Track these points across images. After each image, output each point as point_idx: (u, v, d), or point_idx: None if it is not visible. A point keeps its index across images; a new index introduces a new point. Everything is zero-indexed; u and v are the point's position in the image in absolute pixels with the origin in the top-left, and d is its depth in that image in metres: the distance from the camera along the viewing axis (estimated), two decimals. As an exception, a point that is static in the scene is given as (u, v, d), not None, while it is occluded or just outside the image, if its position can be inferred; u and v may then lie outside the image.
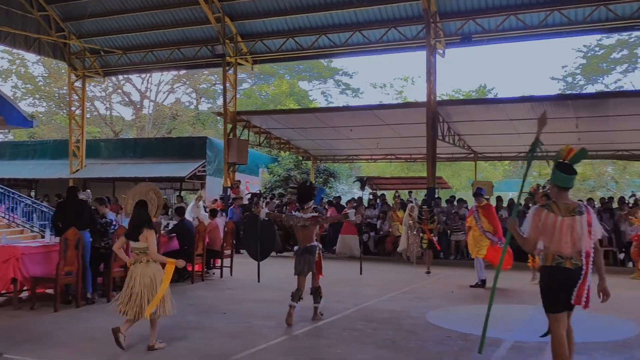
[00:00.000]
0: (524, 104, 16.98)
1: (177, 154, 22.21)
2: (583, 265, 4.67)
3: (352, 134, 20.92)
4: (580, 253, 4.67)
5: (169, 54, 20.96)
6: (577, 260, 4.67)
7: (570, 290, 4.64)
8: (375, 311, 8.61)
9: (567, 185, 4.87)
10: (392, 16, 17.69)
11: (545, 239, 4.74)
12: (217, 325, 7.49)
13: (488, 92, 37.71)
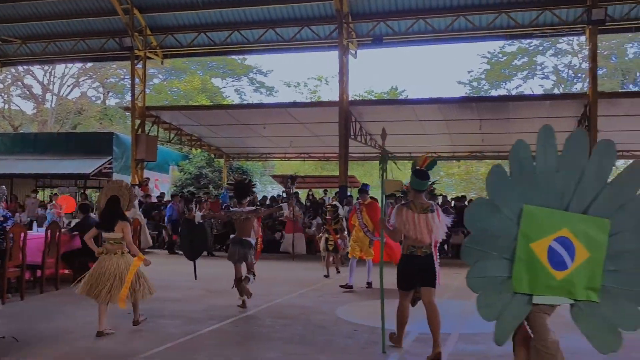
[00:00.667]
0: (432, 105, 17.54)
1: (82, 150, 21.19)
2: (432, 253, 5.83)
3: (266, 132, 20.85)
4: (431, 244, 5.81)
5: (73, 45, 20.01)
6: (427, 249, 5.80)
7: (421, 273, 5.79)
8: (285, 307, 8.60)
9: (421, 188, 5.84)
10: (306, 15, 17.77)
11: (406, 232, 5.78)
12: (120, 325, 7.22)
13: (399, 94, 38.71)
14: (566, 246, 4.03)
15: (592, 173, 3.89)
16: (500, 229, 4.01)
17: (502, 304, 4.02)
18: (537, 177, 4.02)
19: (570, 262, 4.01)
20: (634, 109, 16.20)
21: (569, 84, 37.82)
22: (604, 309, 4.00)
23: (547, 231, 4.01)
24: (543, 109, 16.78)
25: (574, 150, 3.99)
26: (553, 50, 37.54)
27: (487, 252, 4.04)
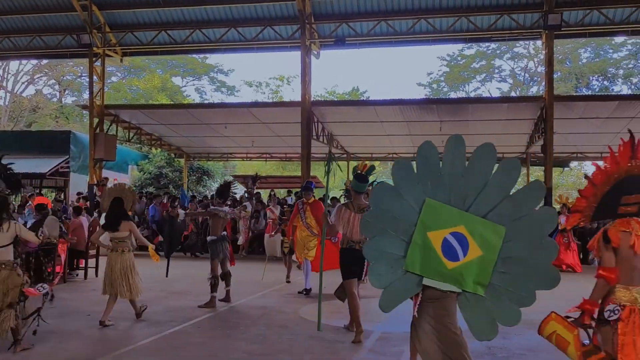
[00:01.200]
0: (393, 106, 17.72)
1: (38, 149, 20.63)
2: None
3: (228, 132, 20.69)
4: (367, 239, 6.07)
5: (29, 41, 19.47)
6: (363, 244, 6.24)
7: (359, 264, 6.52)
8: (248, 308, 8.59)
9: (360, 190, 6.60)
10: (268, 15, 17.72)
11: (344, 229, 6.60)
12: (80, 328, 7.10)
13: (361, 95, 38.98)
14: (460, 241, 4.41)
15: (496, 184, 4.23)
16: (402, 213, 4.40)
17: (392, 277, 4.45)
18: (442, 177, 4.39)
19: (463, 256, 4.39)
20: (588, 112, 16.69)
21: (525, 87, 38.76)
22: (487, 303, 4.40)
23: (445, 225, 4.39)
24: (501, 111, 17.15)
25: (481, 161, 4.31)
26: (510, 54, 38.42)
27: (386, 230, 4.42)
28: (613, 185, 4.03)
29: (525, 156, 20.86)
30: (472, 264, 4.45)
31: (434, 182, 4.41)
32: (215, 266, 8.67)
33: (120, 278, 7.27)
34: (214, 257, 8.65)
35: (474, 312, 4.46)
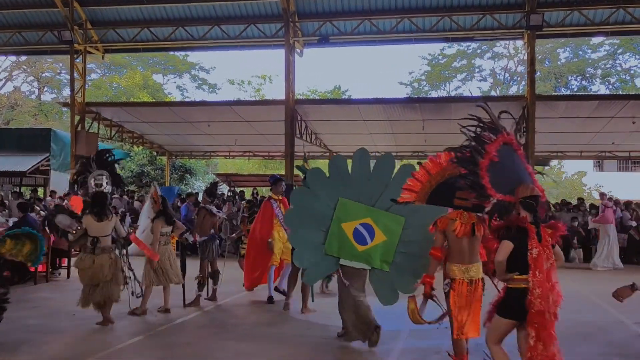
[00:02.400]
0: (376, 105, 17.78)
1: (17, 147, 20.28)
2: None
3: (210, 130, 20.59)
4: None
5: (8, 37, 19.18)
6: None
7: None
8: (235, 307, 8.58)
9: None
10: (252, 13, 17.67)
11: None
12: (65, 328, 7.05)
13: (343, 93, 39.01)
14: (368, 230, 5.85)
15: (395, 186, 5.50)
16: (320, 210, 5.99)
17: (314, 260, 6.05)
18: (352, 181, 5.90)
19: (370, 241, 5.87)
20: (569, 112, 16.91)
21: (505, 86, 39.10)
22: (392, 277, 5.93)
23: (355, 217, 5.86)
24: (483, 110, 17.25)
25: (383, 168, 5.96)
26: (490, 53, 38.71)
27: (306, 223, 6.03)
28: (447, 179, 4.83)
29: (506, 155, 21.00)
30: (378, 247, 5.89)
31: (345, 185, 5.93)
32: (205, 266, 8.71)
33: (172, 267, 7.86)
34: (204, 257, 8.66)
35: (380, 283, 5.99)
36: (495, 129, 4.51)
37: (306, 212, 6.02)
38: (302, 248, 6.09)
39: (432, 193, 4.91)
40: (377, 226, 5.85)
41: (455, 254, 4.80)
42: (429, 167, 4.89)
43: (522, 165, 4.52)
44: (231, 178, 25.58)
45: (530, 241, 4.23)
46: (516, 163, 4.49)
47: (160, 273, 7.79)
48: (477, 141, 4.42)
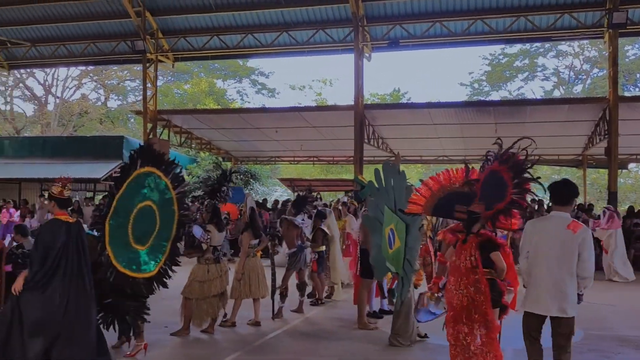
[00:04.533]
0: (448, 109, 17.43)
1: (91, 154, 20.91)
2: None
3: (276, 136, 20.67)
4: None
5: (84, 48, 19.76)
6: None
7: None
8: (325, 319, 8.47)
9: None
10: (320, 18, 17.61)
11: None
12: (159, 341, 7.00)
13: (402, 96, 38.61)
14: (392, 235, 6.32)
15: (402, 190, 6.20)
16: (377, 216, 6.67)
17: (379, 257, 6.71)
18: (383, 191, 6.50)
19: (393, 246, 6.31)
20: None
21: (569, 85, 37.86)
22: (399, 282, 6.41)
23: (388, 223, 6.35)
24: (561, 112, 16.68)
25: (394, 177, 6.39)
26: (554, 51, 37.54)
27: (375, 228, 6.76)
28: (447, 195, 5.26)
29: (581, 158, 20.30)
30: (396, 251, 6.27)
31: (382, 194, 6.50)
32: (289, 277, 8.70)
33: (260, 280, 7.80)
34: (290, 268, 8.61)
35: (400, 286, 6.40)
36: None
37: (374, 219, 6.64)
38: (373, 249, 6.74)
39: (435, 206, 5.38)
40: (396, 232, 6.29)
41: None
42: (431, 185, 5.39)
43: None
44: (295, 183, 25.61)
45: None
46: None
47: (249, 286, 7.75)
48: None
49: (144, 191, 6.20)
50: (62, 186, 5.28)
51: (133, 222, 6.05)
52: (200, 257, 7.39)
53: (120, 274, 5.87)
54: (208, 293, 7.21)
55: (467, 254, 4.92)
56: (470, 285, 4.87)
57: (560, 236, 4.63)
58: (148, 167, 6.23)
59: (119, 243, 5.92)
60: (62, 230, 5.15)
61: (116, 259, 5.87)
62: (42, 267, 5.03)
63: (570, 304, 4.60)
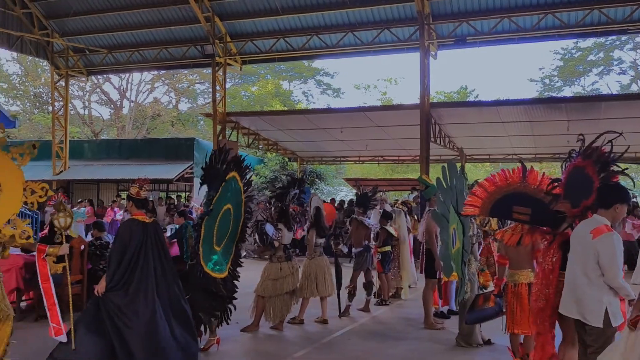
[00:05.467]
0: (517, 106, 17.02)
1: (164, 156, 21.75)
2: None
3: (342, 136, 20.77)
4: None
5: (156, 53, 20.52)
6: None
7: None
8: (391, 319, 8.50)
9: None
10: (385, 17, 17.57)
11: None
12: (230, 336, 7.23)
13: (469, 94, 37.94)
14: (455, 234, 6.30)
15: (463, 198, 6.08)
16: (445, 214, 6.36)
17: (446, 253, 6.32)
18: (448, 189, 6.38)
19: (455, 245, 6.29)
20: None
21: (648, 79, 36.12)
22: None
23: (452, 222, 6.30)
24: (638, 108, 15.96)
25: (455, 176, 6.42)
26: (631, 44, 35.87)
27: (443, 225, 6.42)
28: (504, 195, 5.28)
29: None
30: (456, 252, 6.30)
31: (449, 193, 6.39)
32: (357, 276, 8.82)
33: (326, 279, 7.95)
34: (357, 267, 8.68)
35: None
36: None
37: (441, 216, 6.55)
38: (442, 246, 6.64)
39: (492, 207, 5.41)
40: (457, 232, 6.38)
41: (509, 260, 5.61)
42: (487, 186, 5.42)
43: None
44: (360, 182, 25.67)
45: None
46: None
47: (316, 285, 7.88)
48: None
49: (228, 194, 6.47)
50: (139, 187, 5.54)
51: (218, 224, 6.34)
52: (272, 255, 7.60)
53: (206, 274, 6.15)
54: (281, 291, 7.42)
55: (551, 255, 4.85)
56: (550, 287, 4.78)
57: (582, 240, 4.41)
58: (233, 171, 6.51)
59: (208, 243, 6.23)
60: (139, 229, 5.34)
61: (203, 259, 6.16)
62: (119, 266, 5.21)
63: (591, 312, 4.29)
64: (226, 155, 6.40)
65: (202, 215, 6.28)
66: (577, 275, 4.39)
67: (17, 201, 4.65)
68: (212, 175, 6.31)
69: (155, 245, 5.44)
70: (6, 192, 4.56)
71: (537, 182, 5.20)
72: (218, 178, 6.25)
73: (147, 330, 5.13)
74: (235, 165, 6.53)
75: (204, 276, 6.07)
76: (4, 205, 4.55)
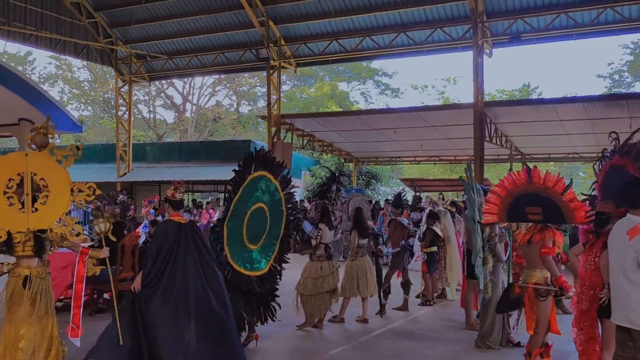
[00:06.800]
0: (575, 104, 16.52)
1: (222, 157, 22.34)
2: None
3: (396, 136, 20.73)
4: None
5: (214, 58, 21.11)
6: None
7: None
8: (429, 319, 8.49)
9: None
10: (438, 17, 17.43)
11: None
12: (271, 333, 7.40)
13: (532, 91, 36.97)
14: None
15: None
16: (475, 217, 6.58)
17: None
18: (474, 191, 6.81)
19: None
20: None
21: None
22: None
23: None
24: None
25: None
26: None
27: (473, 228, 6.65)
28: (516, 198, 5.30)
29: None
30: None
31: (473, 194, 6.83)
32: (391, 275, 8.92)
33: (367, 279, 8.01)
34: (394, 267, 8.73)
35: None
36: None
37: (471, 219, 6.74)
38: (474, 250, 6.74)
39: (508, 212, 5.44)
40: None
41: (525, 260, 5.59)
42: (499, 192, 5.44)
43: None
44: (416, 183, 25.51)
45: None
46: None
47: (357, 285, 7.97)
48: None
49: (256, 194, 6.61)
50: (174, 189, 5.78)
51: (247, 223, 6.47)
52: (312, 254, 7.74)
53: (236, 272, 6.33)
54: (321, 289, 7.55)
55: (593, 255, 4.79)
56: (595, 289, 4.72)
57: (619, 242, 4.22)
58: (260, 171, 6.65)
59: (235, 243, 6.35)
60: (175, 230, 5.52)
61: (232, 258, 6.32)
62: (154, 265, 5.41)
63: (638, 315, 4.07)
64: (248, 158, 6.54)
65: (220, 217, 6.45)
66: (620, 281, 4.19)
67: (65, 201, 4.93)
68: (235, 178, 6.47)
69: (193, 245, 5.57)
70: (54, 192, 4.85)
71: (541, 180, 5.18)
72: (237, 180, 6.41)
73: (166, 325, 5.27)
74: (263, 165, 6.65)
75: (234, 275, 6.25)
76: (53, 205, 4.85)
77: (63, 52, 21.67)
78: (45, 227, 4.77)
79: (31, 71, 39.17)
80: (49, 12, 19.64)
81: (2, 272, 4.78)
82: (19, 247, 4.71)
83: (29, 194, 4.74)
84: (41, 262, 4.82)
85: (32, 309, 4.70)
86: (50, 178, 4.86)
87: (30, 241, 4.72)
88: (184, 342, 5.20)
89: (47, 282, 4.89)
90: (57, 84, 39.49)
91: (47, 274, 4.88)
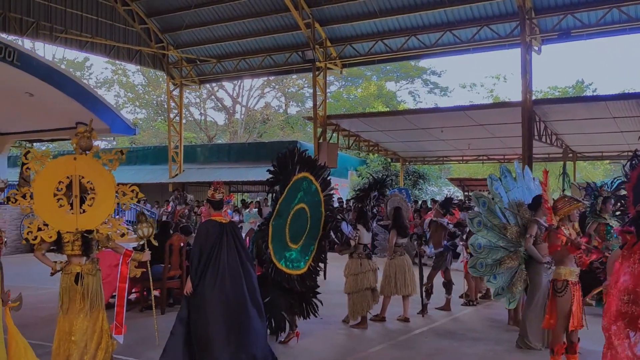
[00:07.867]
0: (628, 101, 16.06)
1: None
2: None
3: (443, 135, 20.58)
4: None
5: (261, 60, 21.49)
6: None
7: None
8: (471, 319, 8.46)
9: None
10: (485, 14, 17.25)
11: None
12: (312, 330, 7.48)
13: (586, 88, 35.90)
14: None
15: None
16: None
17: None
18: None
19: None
20: None
21: None
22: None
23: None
24: None
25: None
26: None
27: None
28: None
29: None
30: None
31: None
32: (434, 275, 8.95)
33: (407, 278, 8.06)
34: (436, 267, 8.75)
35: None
36: None
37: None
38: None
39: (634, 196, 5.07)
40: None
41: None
42: (631, 176, 5.05)
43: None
44: (465, 182, 25.21)
45: None
46: None
47: (395, 284, 8.04)
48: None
49: (299, 195, 6.78)
50: (214, 190, 5.98)
51: (290, 223, 6.64)
52: (352, 252, 7.87)
53: (278, 270, 6.51)
54: (361, 286, 7.63)
55: (636, 258, 4.65)
56: (631, 292, 4.62)
57: None
58: (303, 172, 6.81)
59: (278, 242, 6.52)
60: (216, 230, 5.64)
61: (275, 257, 6.50)
62: (199, 265, 5.53)
63: None
64: (292, 158, 6.64)
65: (267, 216, 6.63)
66: None
67: (110, 203, 5.18)
68: (277, 178, 6.60)
69: (233, 244, 5.69)
70: (100, 195, 5.10)
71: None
72: (283, 180, 6.56)
73: (203, 323, 5.45)
74: (306, 166, 6.81)
75: (277, 273, 6.42)
76: (99, 207, 5.10)
77: (117, 58, 22.49)
78: (92, 227, 5.00)
79: (89, 76, 40.77)
80: (103, 19, 20.47)
81: (56, 270, 5.06)
82: (68, 247, 4.98)
83: (77, 196, 4.99)
84: (90, 260, 5.07)
85: (84, 304, 4.95)
86: (97, 181, 5.10)
87: (78, 241, 4.97)
88: (230, 340, 5.42)
89: (98, 279, 5.13)
90: (113, 88, 40.97)
91: (97, 270, 5.13)
